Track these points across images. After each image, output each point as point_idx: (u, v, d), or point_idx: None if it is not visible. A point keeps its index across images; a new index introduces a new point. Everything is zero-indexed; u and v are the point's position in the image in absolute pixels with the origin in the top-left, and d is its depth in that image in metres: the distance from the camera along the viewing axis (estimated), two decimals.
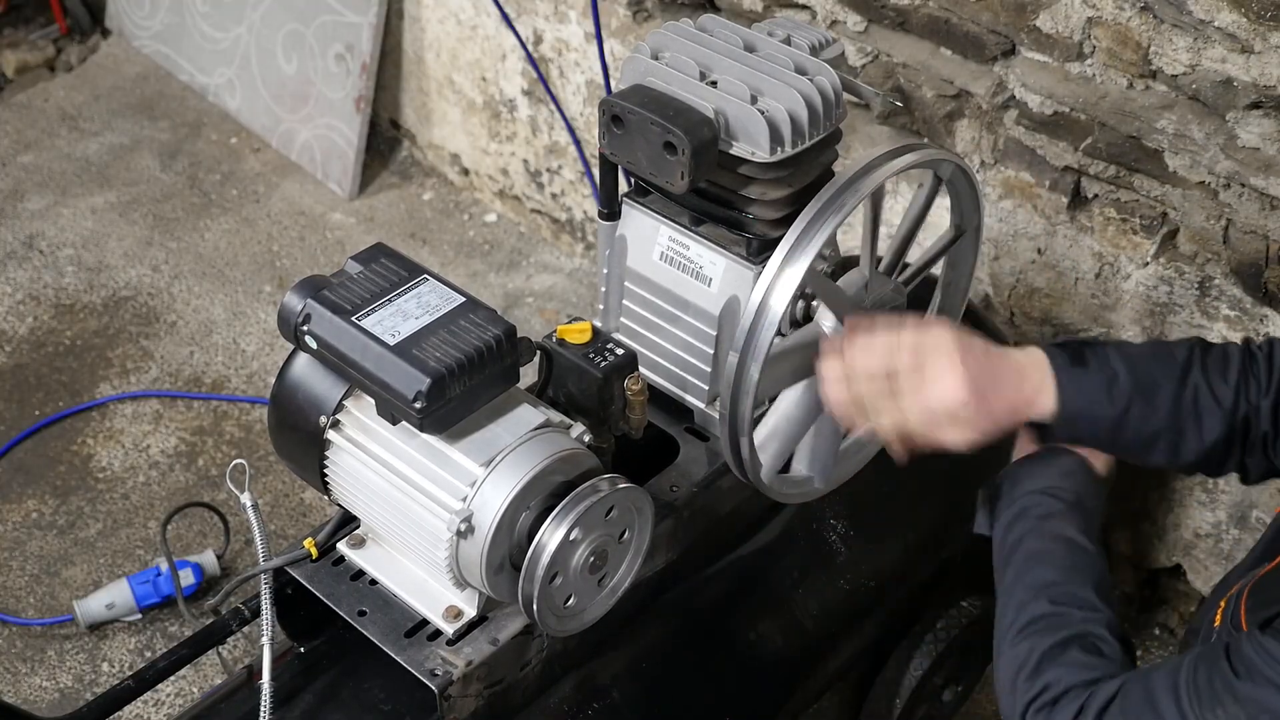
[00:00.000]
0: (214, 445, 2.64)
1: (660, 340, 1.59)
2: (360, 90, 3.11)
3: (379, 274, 1.36)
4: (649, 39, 1.49)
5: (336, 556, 1.47)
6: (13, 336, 2.87)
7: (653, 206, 1.55)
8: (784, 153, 1.40)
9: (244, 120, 3.43)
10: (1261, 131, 1.81)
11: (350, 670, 1.49)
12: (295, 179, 3.29)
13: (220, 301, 2.96)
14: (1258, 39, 1.75)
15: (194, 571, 2.33)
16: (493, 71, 2.97)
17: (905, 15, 2.13)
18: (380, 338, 1.29)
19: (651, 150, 1.40)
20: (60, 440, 2.65)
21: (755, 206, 1.46)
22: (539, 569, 1.28)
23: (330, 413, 1.38)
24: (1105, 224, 2.06)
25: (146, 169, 3.32)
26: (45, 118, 3.47)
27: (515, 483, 1.30)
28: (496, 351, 1.30)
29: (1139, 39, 1.87)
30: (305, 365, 1.39)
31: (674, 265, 1.54)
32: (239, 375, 2.79)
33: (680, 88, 1.42)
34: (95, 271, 3.03)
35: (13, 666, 2.28)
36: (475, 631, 1.40)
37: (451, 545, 1.31)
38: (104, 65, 3.65)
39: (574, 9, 2.70)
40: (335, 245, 3.11)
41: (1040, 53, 2.00)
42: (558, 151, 2.95)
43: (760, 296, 1.35)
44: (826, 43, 1.52)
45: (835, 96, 1.44)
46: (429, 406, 1.25)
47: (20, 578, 2.41)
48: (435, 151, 3.28)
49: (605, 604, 1.39)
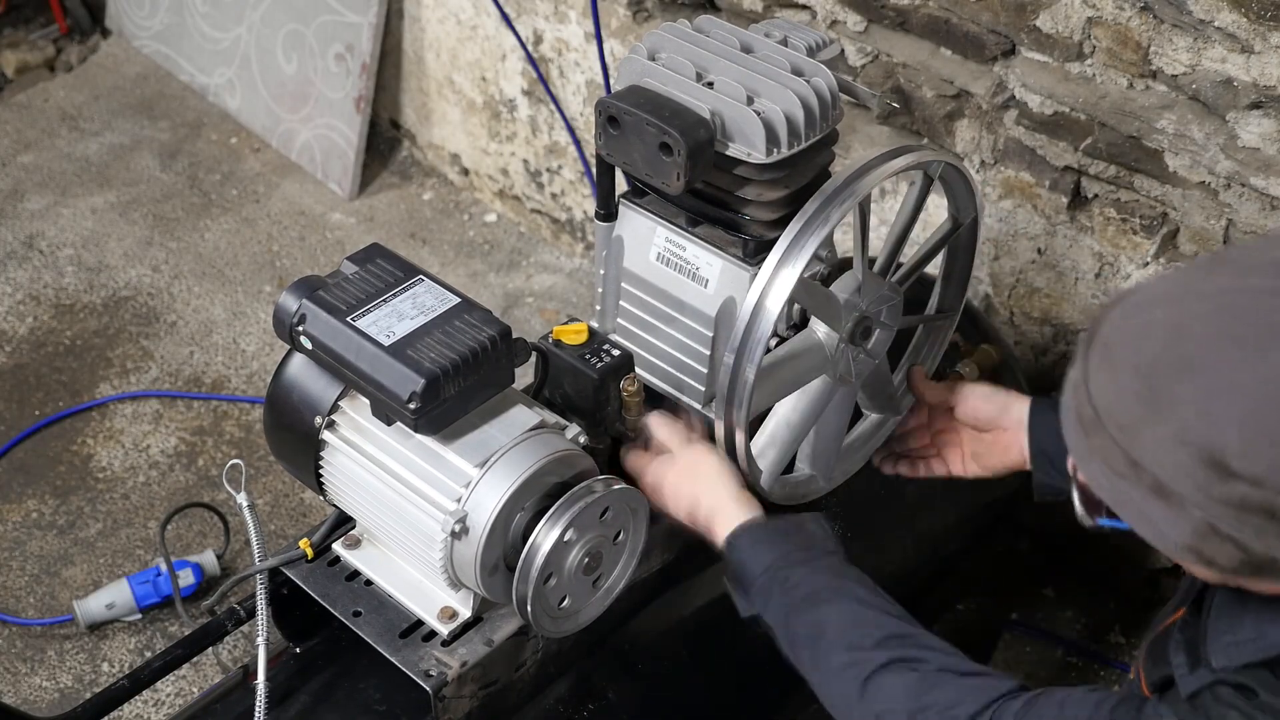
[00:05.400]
0: (214, 445, 2.64)
1: (656, 341, 1.59)
2: (360, 90, 3.11)
3: (375, 274, 1.36)
4: (645, 40, 1.49)
5: (332, 557, 1.47)
6: (13, 336, 2.87)
7: (649, 207, 1.55)
8: (780, 154, 1.40)
9: (244, 120, 3.43)
10: (1262, 131, 1.80)
11: (345, 671, 1.49)
12: (295, 179, 3.29)
13: (220, 301, 2.96)
14: (1258, 39, 1.75)
15: (194, 572, 2.33)
16: (493, 71, 2.97)
17: (905, 15, 2.13)
18: (375, 338, 1.29)
19: (647, 151, 1.39)
20: (60, 440, 2.65)
21: (751, 208, 1.46)
22: (533, 570, 1.28)
23: (325, 413, 1.38)
24: (1105, 224, 2.06)
25: (146, 169, 3.32)
26: (45, 118, 3.48)
27: (510, 484, 1.29)
28: (491, 352, 1.29)
29: (1139, 39, 1.87)
30: (301, 365, 1.39)
31: (670, 266, 1.54)
32: (239, 375, 2.79)
33: (676, 89, 1.42)
34: (95, 271, 3.03)
35: (13, 666, 2.28)
36: (470, 632, 1.40)
37: (446, 546, 1.31)
38: (104, 65, 3.65)
39: (574, 9, 2.69)
40: (335, 245, 3.11)
41: (1040, 53, 1.99)
42: (558, 151, 2.95)
43: (756, 297, 1.35)
44: (824, 44, 1.52)
45: (832, 98, 1.44)
46: (423, 407, 1.25)
47: (20, 578, 2.41)
48: (435, 151, 3.28)
49: (600, 605, 1.39)
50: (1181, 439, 0.99)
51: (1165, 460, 1.00)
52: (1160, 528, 1.04)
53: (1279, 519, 0.98)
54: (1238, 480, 0.97)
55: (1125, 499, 1.05)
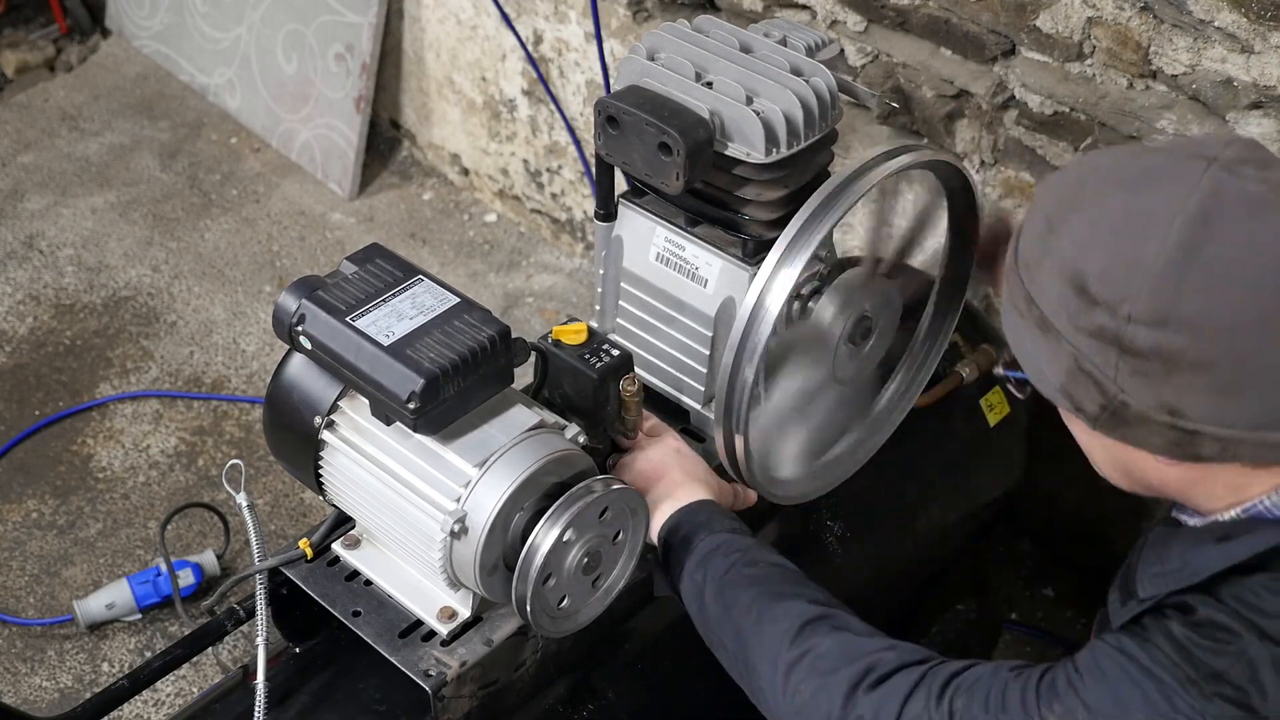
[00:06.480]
0: (214, 445, 2.64)
1: (656, 341, 1.59)
2: (360, 90, 3.11)
3: (374, 274, 1.36)
4: (645, 40, 1.49)
5: (331, 557, 1.47)
6: (13, 336, 2.87)
7: (649, 207, 1.55)
8: (779, 154, 1.40)
9: (244, 120, 3.43)
10: (1261, 131, 1.80)
11: (345, 671, 1.49)
12: (295, 179, 3.29)
13: (220, 301, 2.96)
14: (1258, 39, 1.75)
15: (194, 572, 2.33)
16: (493, 71, 2.97)
17: (905, 15, 2.13)
18: (374, 338, 1.28)
19: (647, 151, 1.39)
20: (60, 440, 2.65)
21: (751, 208, 1.46)
22: (532, 570, 1.28)
23: (325, 413, 1.38)
24: None
25: (146, 169, 3.32)
26: (45, 118, 3.48)
27: (509, 484, 1.29)
28: (491, 352, 1.29)
29: (1139, 39, 1.87)
30: (300, 365, 1.39)
31: (670, 266, 1.54)
32: (239, 375, 2.79)
33: (676, 88, 1.42)
34: (95, 271, 3.03)
35: (13, 666, 2.28)
36: (470, 632, 1.40)
37: (445, 546, 1.31)
38: (104, 65, 3.65)
39: (574, 9, 2.69)
40: (335, 245, 3.11)
41: (1040, 53, 1.99)
42: (558, 151, 2.95)
43: (755, 297, 1.35)
44: (823, 44, 1.52)
45: (831, 98, 1.44)
46: (422, 407, 1.25)
47: (20, 578, 2.41)
48: (435, 151, 3.28)
49: (599, 605, 1.39)
50: (1060, 270, 1.07)
51: (1049, 293, 1.08)
52: (1041, 367, 1.11)
53: (1127, 352, 1.03)
54: (1097, 308, 1.04)
55: (1021, 338, 1.12)
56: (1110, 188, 1.07)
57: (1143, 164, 1.08)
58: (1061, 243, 1.07)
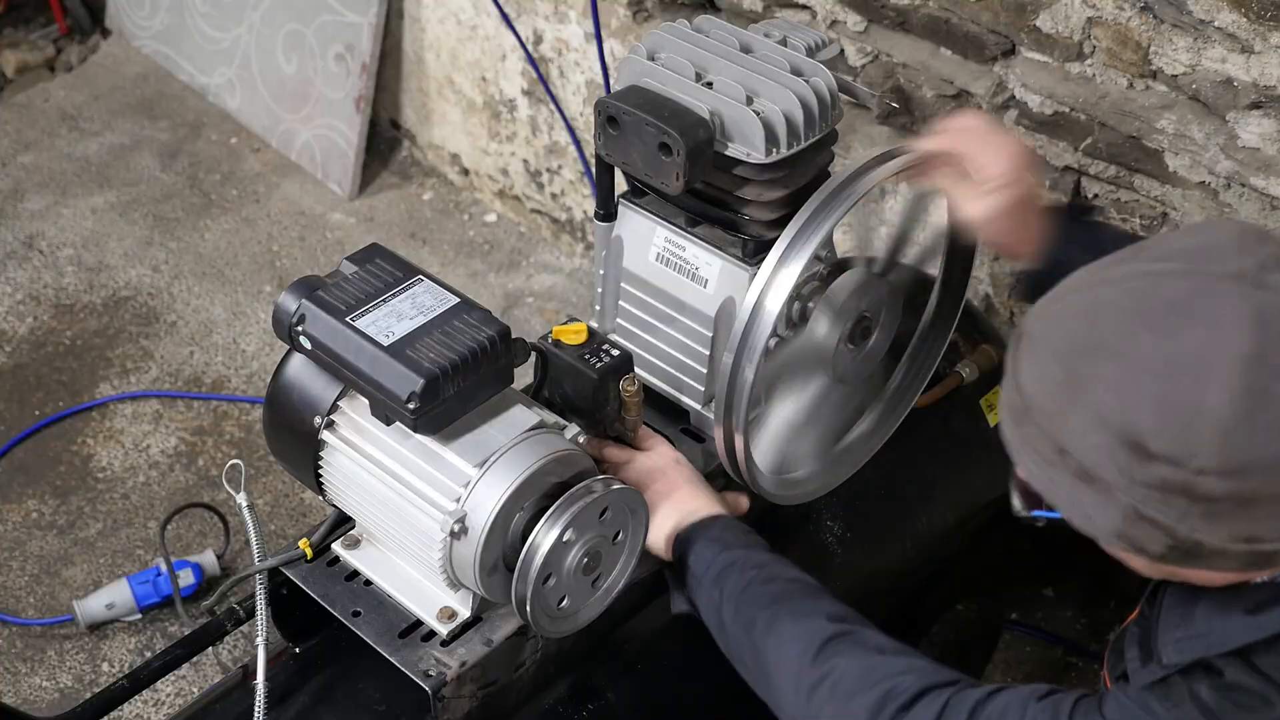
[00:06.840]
0: (214, 445, 2.64)
1: (656, 341, 1.59)
2: (360, 90, 3.11)
3: (374, 274, 1.36)
4: (645, 40, 1.49)
5: (331, 557, 1.47)
6: (13, 336, 2.87)
7: (649, 208, 1.55)
8: (779, 154, 1.40)
9: (244, 120, 3.43)
10: (1262, 131, 1.80)
11: (345, 671, 1.49)
12: (295, 179, 3.29)
13: (220, 301, 2.96)
14: (1258, 39, 1.75)
15: (194, 572, 2.33)
16: (493, 71, 2.97)
17: (905, 15, 2.13)
18: (374, 338, 1.29)
19: (647, 151, 1.39)
20: (60, 440, 2.65)
21: (751, 208, 1.46)
22: (532, 570, 1.28)
23: (325, 413, 1.38)
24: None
25: (146, 169, 3.32)
26: (45, 118, 3.47)
27: (509, 484, 1.29)
28: (490, 352, 1.29)
29: (1139, 39, 1.87)
30: (300, 365, 1.39)
31: (670, 266, 1.54)
32: (239, 375, 2.79)
33: (676, 89, 1.42)
34: (95, 271, 3.03)
35: (13, 666, 2.28)
36: (469, 632, 1.40)
37: (445, 546, 1.31)
38: (104, 65, 3.65)
39: (574, 9, 2.69)
40: (335, 245, 3.11)
41: (1040, 53, 1.99)
42: (558, 151, 2.95)
43: (755, 297, 1.35)
44: (823, 44, 1.52)
45: (831, 98, 1.44)
46: (422, 407, 1.25)
47: (20, 578, 2.41)
48: (435, 151, 3.28)
49: (599, 605, 1.39)
50: (1101, 423, 1.00)
51: (1088, 445, 1.02)
52: (1090, 514, 1.05)
53: (1199, 500, 0.99)
54: (1157, 461, 0.98)
55: (1056, 487, 1.07)
56: (1135, 328, 1.00)
57: (1164, 295, 1.00)
58: (1095, 394, 1.00)
